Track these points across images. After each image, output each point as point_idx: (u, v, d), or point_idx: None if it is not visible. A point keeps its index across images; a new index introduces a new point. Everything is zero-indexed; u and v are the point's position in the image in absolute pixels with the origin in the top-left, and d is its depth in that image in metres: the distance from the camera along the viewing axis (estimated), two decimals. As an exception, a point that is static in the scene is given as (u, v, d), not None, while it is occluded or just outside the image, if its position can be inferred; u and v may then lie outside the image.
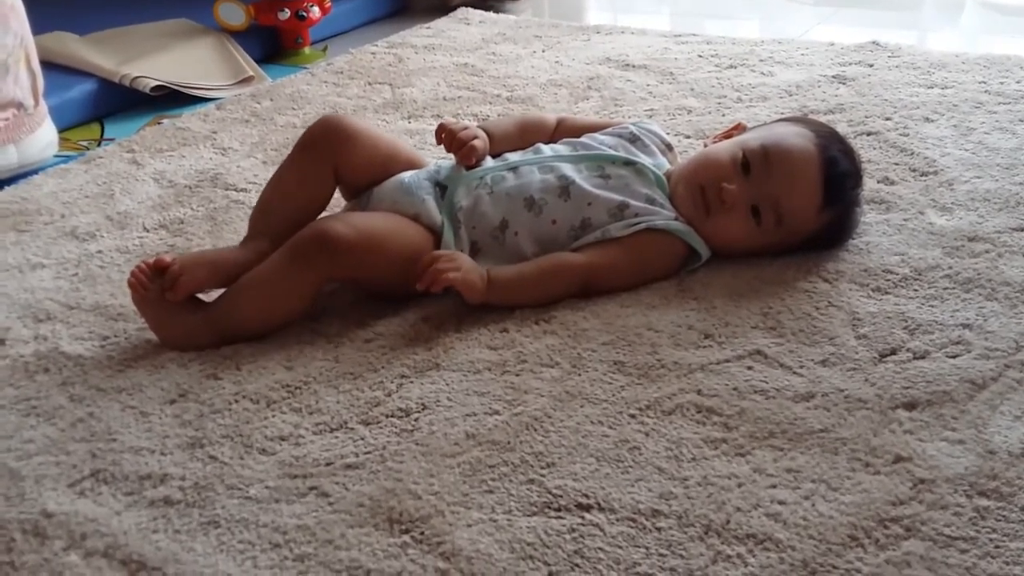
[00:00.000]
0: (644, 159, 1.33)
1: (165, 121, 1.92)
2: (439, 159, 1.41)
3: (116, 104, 2.05)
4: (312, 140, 1.30)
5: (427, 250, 1.23)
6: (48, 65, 1.85)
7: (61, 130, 1.86)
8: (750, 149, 1.27)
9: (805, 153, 1.27)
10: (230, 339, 1.19)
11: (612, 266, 1.24)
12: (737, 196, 1.26)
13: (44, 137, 1.77)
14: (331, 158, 1.29)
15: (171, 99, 2.05)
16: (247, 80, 2.15)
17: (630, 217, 1.26)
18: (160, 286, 1.18)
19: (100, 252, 1.42)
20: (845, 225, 1.32)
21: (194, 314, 1.20)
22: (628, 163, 1.31)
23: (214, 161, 1.71)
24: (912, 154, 1.59)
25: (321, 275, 1.20)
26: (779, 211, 1.26)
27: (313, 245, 1.18)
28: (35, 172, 1.71)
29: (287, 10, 2.30)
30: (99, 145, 1.89)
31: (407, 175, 1.31)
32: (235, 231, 1.46)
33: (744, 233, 1.27)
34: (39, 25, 1.83)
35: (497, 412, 1.05)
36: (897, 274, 1.27)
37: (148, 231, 1.48)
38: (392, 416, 1.05)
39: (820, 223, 1.28)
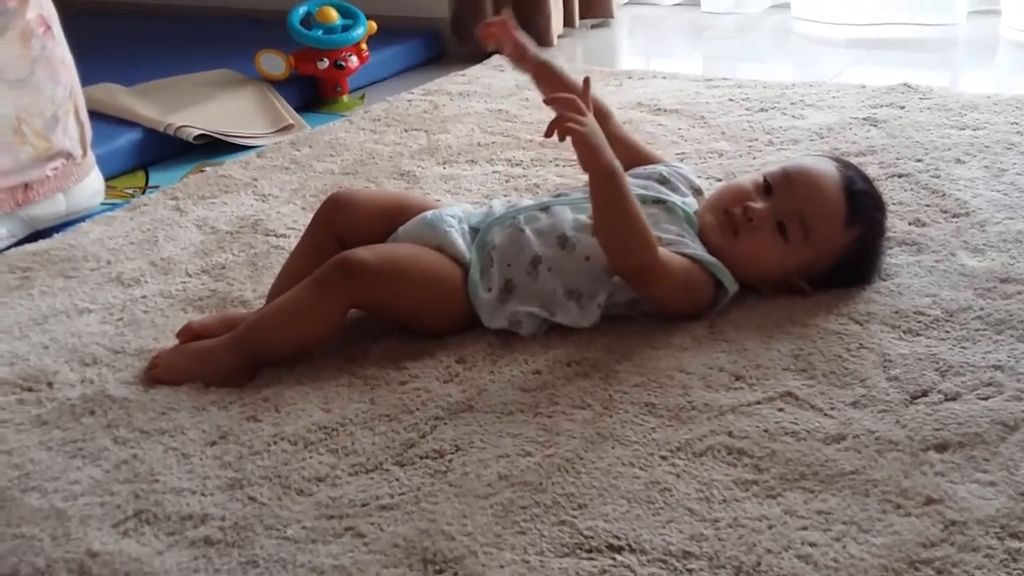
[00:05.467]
0: (674, 197, 1.35)
1: (208, 169, 1.97)
2: (472, 203, 1.44)
3: (160, 153, 2.10)
4: (317, 215, 1.39)
5: (453, 278, 1.28)
6: (95, 115, 1.91)
7: (107, 178, 1.92)
8: (770, 172, 1.33)
9: (824, 170, 1.32)
10: (254, 361, 1.24)
11: (671, 267, 1.24)
12: (762, 213, 1.29)
13: (91, 185, 1.83)
14: (332, 227, 1.35)
15: (213, 147, 2.11)
16: (287, 128, 2.21)
17: (664, 247, 1.28)
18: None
19: (144, 297, 1.46)
20: (873, 249, 1.34)
21: (214, 342, 1.26)
22: (658, 201, 1.34)
23: (255, 207, 1.76)
24: (943, 195, 1.60)
25: (343, 300, 1.24)
26: (804, 223, 1.28)
27: (335, 271, 1.22)
28: (82, 219, 1.77)
29: (326, 60, 2.35)
30: (144, 193, 1.94)
31: (430, 212, 1.35)
32: (275, 276, 1.49)
33: (773, 251, 1.29)
34: (87, 77, 1.89)
35: (529, 454, 1.06)
36: (928, 316, 1.27)
37: (191, 276, 1.52)
38: (426, 457, 1.07)
39: (847, 239, 1.29)
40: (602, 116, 1.46)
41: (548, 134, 1.19)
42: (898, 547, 0.91)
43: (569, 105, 1.20)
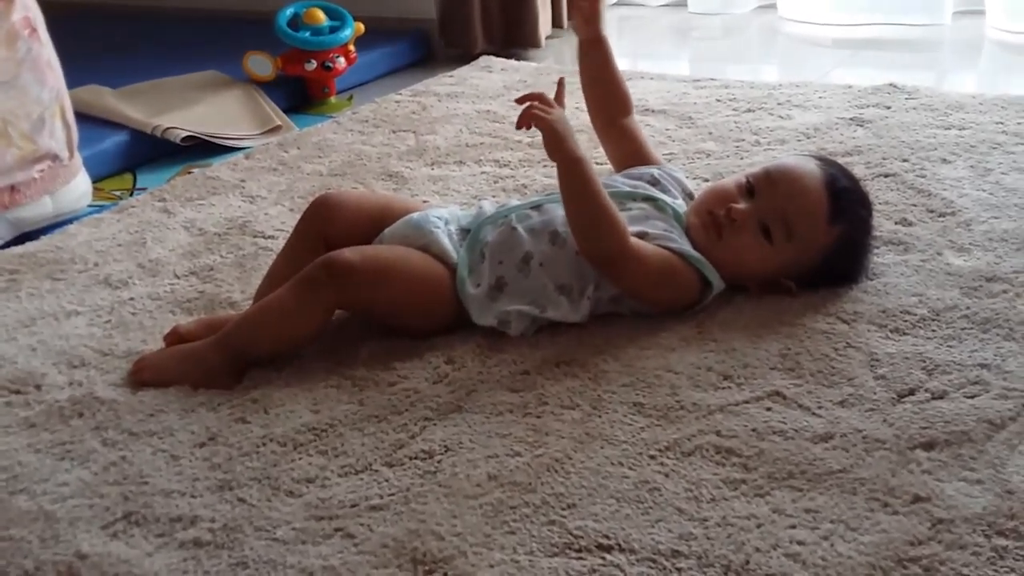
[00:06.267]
0: (663, 196, 1.36)
1: (195, 171, 1.97)
2: (460, 204, 1.45)
3: (148, 154, 2.10)
4: (304, 217, 1.39)
5: (439, 278, 1.28)
6: (82, 117, 1.91)
7: (95, 180, 1.91)
8: (752, 173, 1.34)
9: (806, 169, 1.33)
10: (240, 361, 1.24)
11: (645, 257, 1.26)
12: (744, 214, 1.30)
13: (78, 188, 1.82)
14: (319, 229, 1.35)
15: (201, 149, 2.10)
16: (275, 129, 2.20)
17: (651, 242, 1.29)
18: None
19: (132, 299, 1.46)
20: (858, 247, 1.34)
21: (200, 343, 1.27)
22: (648, 198, 1.35)
23: (243, 209, 1.75)
24: (929, 195, 1.61)
25: (328, 300, 1.24)
26: (787, 223, 1.29)
27: (320, 271, 1.23)
28: (70, 221, 1.76)
29: (313, 61, 2.35)
30: (131, 195, 1.94)
31: (416, 214, 1.36)
32: (263, 277, 1.49)
33: (757, 251, 1.30)
34: (74, 79, 1.89)
35: (519, 454, 1.07)
36: (915, 315, 1.28)
37: (179, 278, 1.52)
38: (416, 458, 1.07)
39: (831, 238, 1.30)
40: (622, 108, 1.50)
41: (519, 125, 1.24)
42: (886, 545, 0.92)
43: (536, 98, 1.25)
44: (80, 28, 2.81)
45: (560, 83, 1.32)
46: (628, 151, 1.49)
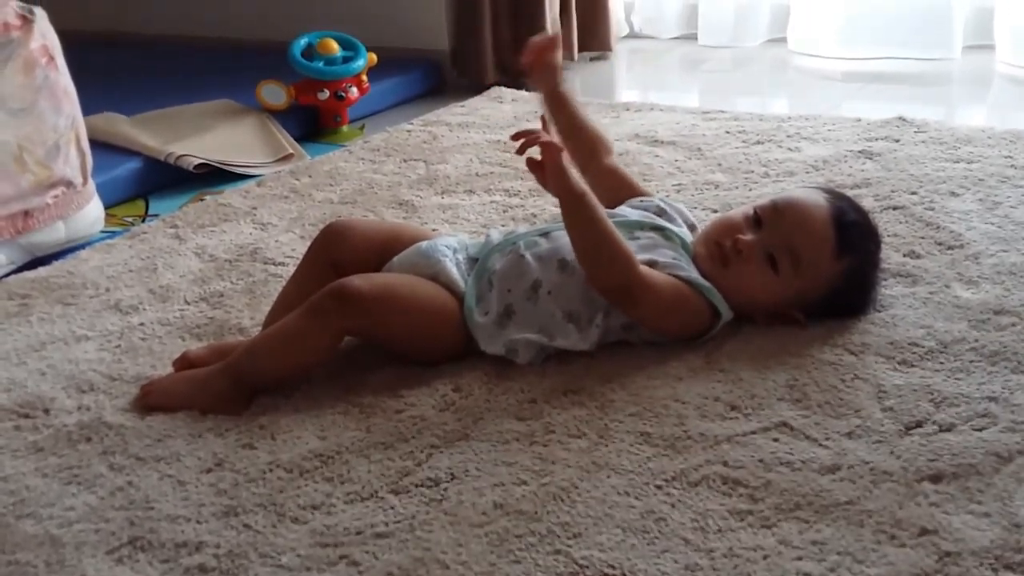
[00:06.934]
0: (670, 226, 1.37)
1: (207, 198, 1.98)
2: (469, 233, 1.45)
3: (160, 181, 2.11)
4: (314, 244, 1.39)
5: (448, 307, 1.29)
6: (96, 144, 1.92)
7: (107, 206, 1.93)
8: (760, 205, 1.34)
9: (813, 201, 1.33)
10: (248, 387, 1.24)
11: (655, 285, 1.26)
12: (751, 245, 1.30)
13: (91, 213, 1.84)
14: (329, 257, 1.36)
15: (214, 176, 2.12)
16: (287, 158, 2.22)
17: (660, 270, 1.29)
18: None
19: (142, 324, 1.47)
20: (866, 280, 1.34)
21: (208, 369, 1.27)
22: (656, 228, 1.36)
23: (254, 236, 1.77)
24: (938, 228, 1.61)
25: (337, 327, 1.25)
26: (794, 254, 1.29)
27: (329, 298, 1.23)
28: (82, 247, 1.78)
29: (326, 91, 2.37)
30: (143, 221, 1.95)
31: (424, 242, 1.36)
32: (272, 304, 1.50)
33: (763, 282, 1.30)
34: (89, 106, 1.91)
35: (525, 482, 1.07)
36: (923, 347, 1.28)
37: (189, 304, 1.53)
38: (422, 486, 1.07)
39: (838, 270, 1.30)
40: (601, 151, 1.49)
41: (520, 151, 1.23)
42: (892, 578, 0.91)
43: (539, 134, 1.24)
44: (96, 56, 2.85)
45: (543, 120, 1.32)
46: (615, 189, 1.47)
